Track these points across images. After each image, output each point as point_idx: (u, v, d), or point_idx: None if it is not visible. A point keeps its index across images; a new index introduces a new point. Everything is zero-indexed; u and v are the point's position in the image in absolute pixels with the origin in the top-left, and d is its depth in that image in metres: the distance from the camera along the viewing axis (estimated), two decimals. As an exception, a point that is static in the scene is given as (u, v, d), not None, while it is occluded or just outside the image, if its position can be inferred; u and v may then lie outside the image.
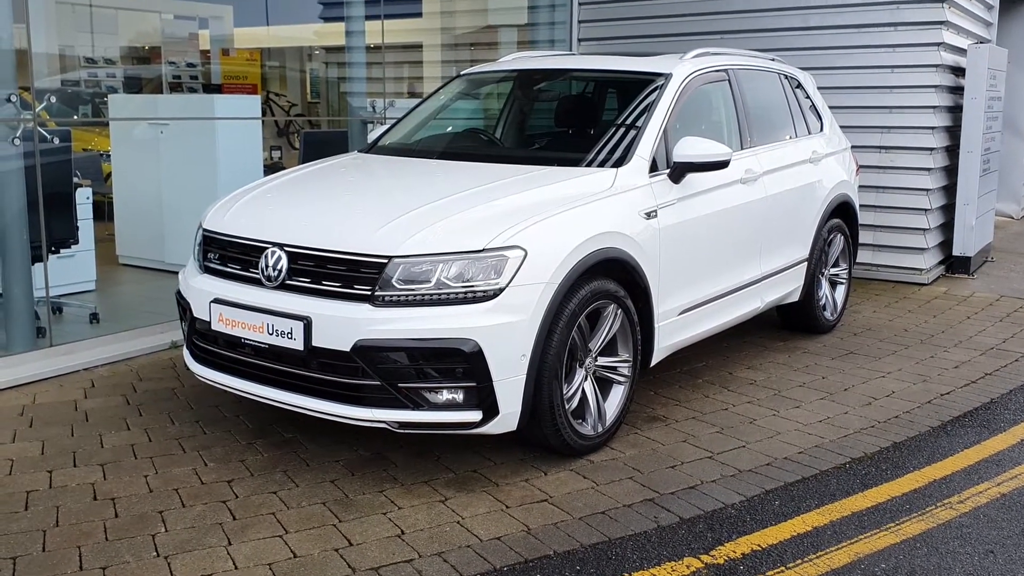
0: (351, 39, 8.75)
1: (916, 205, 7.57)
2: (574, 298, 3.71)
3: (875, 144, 7.61)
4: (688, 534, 3.31)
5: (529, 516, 3.41)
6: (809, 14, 7.77)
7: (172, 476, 3.71)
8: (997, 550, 3.25)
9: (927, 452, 4.12)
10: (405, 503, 3.50)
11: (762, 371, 5.26)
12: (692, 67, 4.92)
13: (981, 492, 3.72)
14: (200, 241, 4.15)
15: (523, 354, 3.54)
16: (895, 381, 5.10)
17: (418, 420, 3.50)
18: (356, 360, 3.44)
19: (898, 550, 3.23)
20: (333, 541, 3.20)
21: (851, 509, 3.54)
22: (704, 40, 7.86)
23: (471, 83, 5.73)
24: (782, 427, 4.37)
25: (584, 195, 4.00)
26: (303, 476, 3.72)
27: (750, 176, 5.02)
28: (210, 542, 3.17)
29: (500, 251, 3.53)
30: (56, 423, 4.28)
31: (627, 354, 4.10)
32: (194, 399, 4.60)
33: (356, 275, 3.55)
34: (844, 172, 6.13)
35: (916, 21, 7.37)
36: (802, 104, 6.01)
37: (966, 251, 7.93)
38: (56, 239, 5.58)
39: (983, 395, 4.88)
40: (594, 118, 5.37)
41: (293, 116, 12.07)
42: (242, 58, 10.86)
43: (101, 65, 11.00)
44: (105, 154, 8.33)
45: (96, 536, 3.21)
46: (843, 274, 6.22)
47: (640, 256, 4.07)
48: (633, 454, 4.00)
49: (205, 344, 3.94)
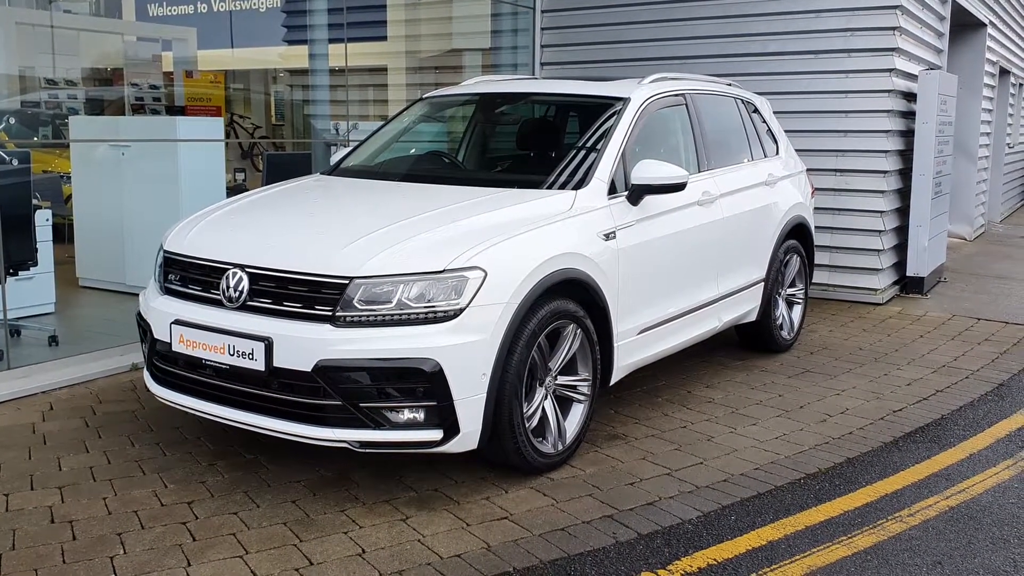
0: (315, 62, 8.80)
1: (871, 227, 7.75)
2: (534, 318, 3.77)
3: (830, 167, 7.79)
4: (646, 549, 3.36)
5: (489, 533, 3.44)
6: (766, 40, 7.96)
7: (131, 498, 3.69)
8: (945, 561, 3.34)
9: (879, 467, 4.22)
10: (366, 522, 3.51)
11: (720, 389, 5.35)
12: (650, 91, 5.02)
13: (931, 506, 3.82)
14: (161, 262, 4.15)
15: (484, 373, 3.58)
16: (849, 398, 5.21)
17: (380, 439, 3.52)
18: (317, 380, 3.47)
19: (850, 562, 3.31)
20: (294, 561, 3.20)
21: (805, 523, 3.62)
22: (664, 65, 8.01)
23: (434, 106, 5.79)
24: (739, 444, 4.45)
25: (543, 217, 4.07)
26: (264, 496, 3.72)
27: (707, 198, 5.13)
28: (169, 563, 3.17)
29: (460, 272, 3.58)
30: (13, 446, 4.24)
31: (586, 373, 4.16)
32: (155, 421, 4.57)
33: (317, 296, 3.57)
34: (800, 194, 6.27)
35: (868, 48, 7.58)
36: (758, 128, 6.15)
37: (919, 271, 8.12)
38: (15, 261, 5.53)
39: (934, 412, 5.00)
40: (555, 141, 5.45)
41: (257, 138, 12.07)
42: (206, 80, 10.84)
43: (62, 86, 10.92)
44: (65, 176, 8.26)
45: (54, 559, 3.19)
46: (799, 294, 6.34)
47: (599, 276, 4.14)
48: (593, 471, 4.05)
49: (166, 365, 3.94)
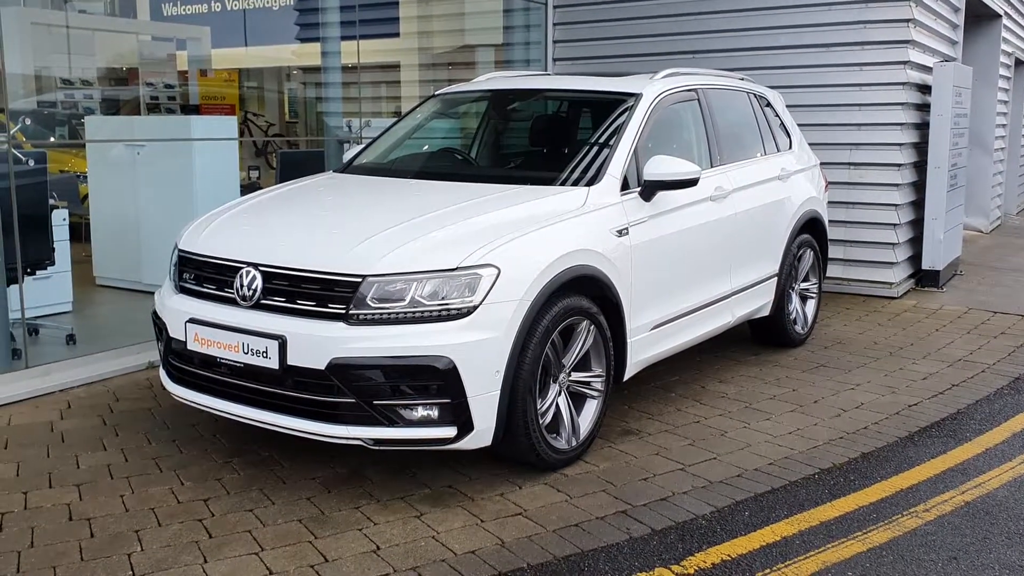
0: (327, 59, 8.82)
1: (885, 220, 7.71)
2: (547, 315, 3.77)
3: (844, 161, 7.75)
4: (659, 545, 3.37)
5: (503, 530, 3.45)
6: (778, 34, 7.93)
7: (148, 495, 3.73)
8: (960, 556, 3.32)
9: (894, 462, 4.20)
10: (381, 519, 3.53)
11: (734, 384, 5.34)
12: (662, 87, 5.01)
13: (946, 501, 3.80)
14: (176, 261, 4.18)
15: (497, 370, 3.59)
16: (864, 393, 5.19)
17: (393, 437, 3.54)
18: (331, 378, 3.48)
19: (865, 558, 3.30)
20: (309, 558, 3.23)
21: (819, 519, 3.61)
22: (676, 60, 7.98)
23: (446, 103, 5.80)
24: (753, 439, 4.44)
25: (557, 213, 4.07)
26: (279, 494, 3.75)
27: (720, 194, 5.11)
28: (186, 560, 3.20)
29: (474, 269, 3.59)
30: (32, 444, 4.28)
31: (600, 369, 4.16)
32: (171, 419, 4.61)
33: (331, 294, 3.59)
34: (813, 188, 6.25)
35: (882, 40, 7.54)
36: (771, 122, 6.13)
37: (935, 265, 8.07)
38: (32, 260, 5.58)
39: (950, 406, 4.98)
40: (567, 137, 5.45)
41: (271, 136, 12.11)
42: (220, 78, 10.89)
43: (77, 86, 10.99)
44: (82, 175, 8.33)
45: (71, 556, 3.22)
46: (813, 288, 6.32)
47: (612, 273, 4.14)
48: (606, 467, 4.06)
49: (181, 364, 3.97)
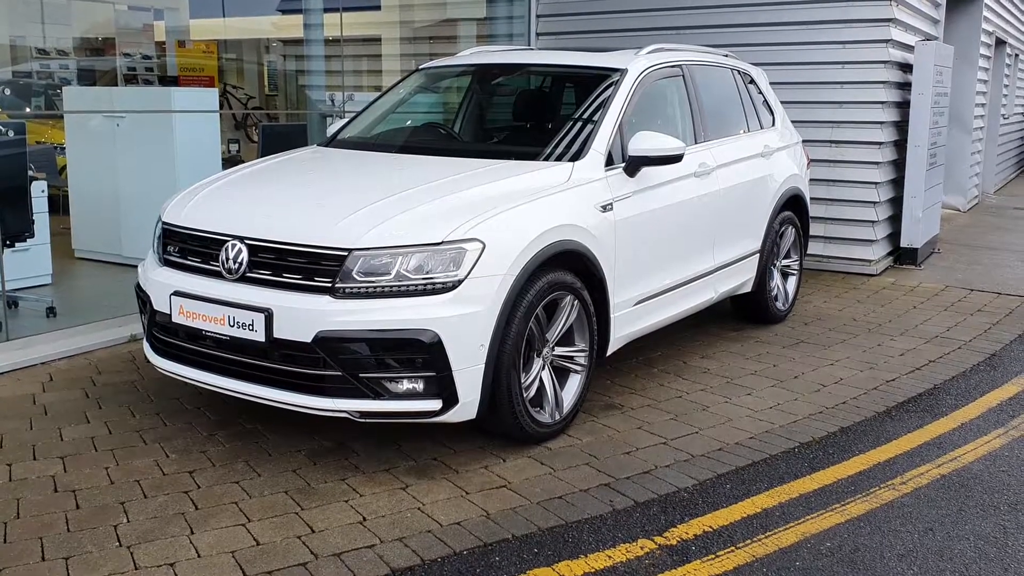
0: (309, 31, 8.76)
1: (865, 198, 7.78)
2: (531, 289, 3.79)
3: (826, 138, 7.80)
4: (642, 517, 3.42)
5: (488, 501, 3.49)
6: (762, 10, 7.93)
7: (133, 468, 3.73)
8: (936, 528, 3.40)
9: (872, 436, 4.27)
10: (366, 491, 3.56)
11: (715, 360, 5.39)
12: (647, 63, 5.01)
13: (922, 474, 3.88)
14: (160, 234, 4.16)
15: (482, 344, 3.62)
16: (843, 368, 5.26)
17: (379, 409, 3.56)
18: (317, 351, 3.49)
19: (843, 529, 3.37)
20: (295, 528, 3.25)
21: (799, 491, 3.67)
22: (660, 35, 7.98)
23: (430, 77, 5.77)
24: (734, 413, 4.50)
25: (541, 188, 4.08)
26: (265, 466, 3.77)
27: (704, 170, 5.14)
28: (172, 531, 3.21)
29: (459, 244, 3.60)
30: (14, 417, 4.27)
31: (584, 344, 4.19)
32: (155, 392, 4.61)
33: (316, 267, 3.59)
34: (795, 166, 6.28)
35: (865, 18, 7.56)
36: (754, 99, 6.15)
37: (913, 243, 8.16)
38: (11, 233, 5.53)
39: (927, 382, 5.06)
40: (551, 112, 5.45)
41: (251, 109, 12.00)
42: (198, 50, 10.77)
43: (54, 56, 10.84)
44: (60, 147, 8.23)
45: (58, 527, 3.23)
46: (794, 265, 6.37)
47: (596, 248, 4.17)
48: (590, 441, 4.10)
49: (166, 337, 3.96)
